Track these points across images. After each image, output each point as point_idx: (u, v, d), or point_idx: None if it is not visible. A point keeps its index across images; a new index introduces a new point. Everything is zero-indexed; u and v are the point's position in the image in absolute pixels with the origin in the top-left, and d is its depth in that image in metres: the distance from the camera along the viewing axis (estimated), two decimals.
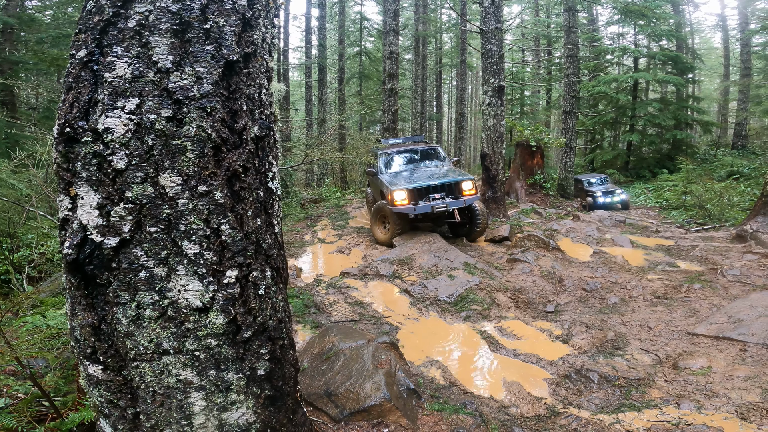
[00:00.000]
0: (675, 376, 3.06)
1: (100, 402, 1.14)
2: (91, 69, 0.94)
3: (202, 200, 0.97)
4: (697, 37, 25.79)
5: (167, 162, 0.95)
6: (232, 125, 1.02)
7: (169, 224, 0.96)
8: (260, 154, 1.09)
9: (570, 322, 4.12)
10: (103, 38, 0.96)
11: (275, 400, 1.21)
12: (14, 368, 2.87)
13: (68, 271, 0.97)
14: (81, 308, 0.97)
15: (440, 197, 6.08)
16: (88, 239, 0.92)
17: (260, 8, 1.09)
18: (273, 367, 1.15)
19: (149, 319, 0.97)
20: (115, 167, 0.92)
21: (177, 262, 0.96)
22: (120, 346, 1.00)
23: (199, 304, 0.98)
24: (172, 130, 0.96)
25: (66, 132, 0.91)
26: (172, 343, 1.00)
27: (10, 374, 2.71)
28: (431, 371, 3.40)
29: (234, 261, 1.02)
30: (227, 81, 1.01)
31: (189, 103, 0.96)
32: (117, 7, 1.00)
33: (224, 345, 1.04)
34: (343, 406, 2.45)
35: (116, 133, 0.91)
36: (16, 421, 2.07)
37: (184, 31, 0.97)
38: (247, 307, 1.05)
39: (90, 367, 1.07)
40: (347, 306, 4.67)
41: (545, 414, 2.84)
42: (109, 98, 0.92)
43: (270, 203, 1.14)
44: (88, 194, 0.91)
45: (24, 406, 2.23)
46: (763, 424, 2.46)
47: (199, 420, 1.11)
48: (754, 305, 3.76)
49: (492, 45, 7.73)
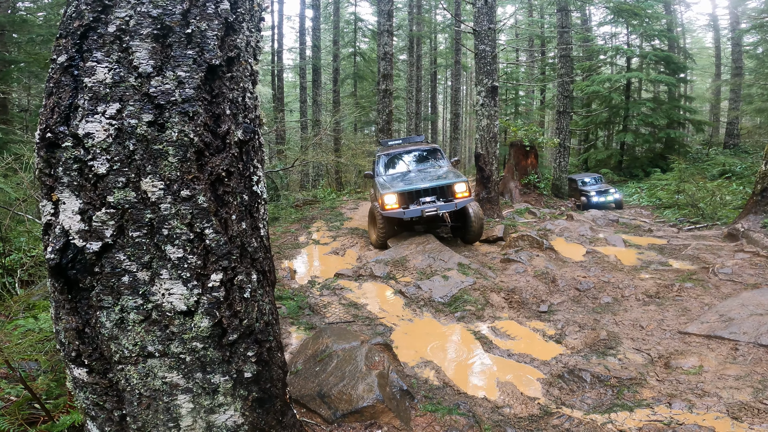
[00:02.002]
0: (667, 376, 3.08)
1: (87, 404, 1.14)
2: (71, 74, 0.94)
3: (185, 205, 0.97)
4: (689, 37, 26.08)
5: (149, 167, 0.95)
6: (215, 129, 1.02)
7: (151, 229, 0.96)
8: (244, 158, 1.10)
9: (563, 321, 4.14)
10: (83, 43, 0.96)
11: (263, 402, 1.21)
12: (6, 371, 2.84)
13: (52, 276, 0.97)
14: (65, 312, 0.97)
15: (431, 200, 6.03)
16: (71, 244, 0.92)
17: (244, 12, 1.09)
18: (260, 370, 1.15)
19: (133, 322, 0.97)
20: (96, 172, 0.92)
21: (161, 266, 0.96)
22: (104, 349, 1.00)
23: (184, 308, 0.99)
24: (153, 135, 0.96)
25: (47, 137, 0.91)
26: (157, 346, 1.00)
27: (2, 377, 2.69)
28: (425, 372, 3.40)
29: (218, 264, 1.02)
30: (210, 85, 1.01)
31: (170, 107, 0.96)
32: (97, 12, 1.00)
33: (210, 348, 1.04)
34: (336, 408, 2.45)
35: (97, 138, 0.91)
36: (8, 423, 2.06)
37: (166, 36, 0.97)
38: (233, 310, 1.06)
39: (75, 370, 1.07)
40: (341, 307, 4.67)
41: (538, 414, 2.85)
42: (90, 103, 0.92)
43: (255, 207, 1.14)
44: (70, 199, 0.91)
45: (16, 409, 2.21)
46: (754, 423, 2.45)
47: (187, 422, 1.10)
48: (745, 304, 3.80)
49: (485, 45, 7.77)
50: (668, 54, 17.19)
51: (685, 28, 23.31)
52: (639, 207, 12.56)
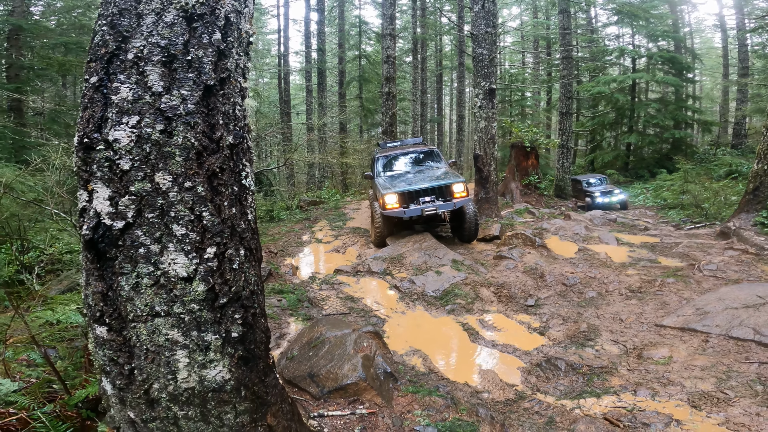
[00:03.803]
0: (637, 366, 3.23)
1: (104, 361, 1.41)
2: (101, 92, 1.23)
3: (187, 193, 1.26)
4: (698, 37, 25.80)
5: (161, 164, 1.24)
6: (211, 135, 1.30)
7: (162, 211, 1.25)
8: (235, 157, 1.38)
9: (548, 315, 4.33)
10: (109, 67, 1.25)
11: (248, 361, 1.47)
12: (26, 358, 3.19)
13: (85, 249, 1.25)
14: (93, 278, 1.25)
15: (430, 200, 6.25)
16: (102, 223, 1.21)
17: (233, 40, 1.37)
18: (245, 331, 1.42)
19: (146, 286, 1.25)
20: (122, 168, 1.21)
21: (168, 241, 1.25)
22: (122, 309, 1.28)
23: (185, 275, 1.26)
24: (164, 140, 1.24)
25: (84, 142, 1.20)
26: (163, 306, 1.27)
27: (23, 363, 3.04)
28: (413, 360, 3.62)
29: (213, 240, 1.30)
30: (206, 101, 1.29)
31: (177, 119, 1.25)
32: (118, 42, 1.28)
33: (204, 309, 1.31)
34: (323, 386, 2.69)
35: (122, 143, 1.21)
36: (30, 400, 2.38)
37: (171, 62, 1.25)
38: (224, 278, 1.33)
39: (98, 329, 1.35)
40: (339, 300, 4.92)
41: (513, 399, 3.03)
42: (116, 116, 1.21)
43: (244, 196, 1.42)
44: (102, 189, 1.20)
45: (36, 389, 2.54)
46: (712, 411, 2.56)
47: (183, 375, 1.37)
48: (722, 298, 3.94)
49: (482, 49, 7.97)
50: (674, 55, 17.13)
51: (693, 29, 23.10)
52: (644, 208, 12.56)
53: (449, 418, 2.59)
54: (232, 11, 1.41)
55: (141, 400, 1.38)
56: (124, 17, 1.26)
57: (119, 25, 1.25)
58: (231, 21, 1.39)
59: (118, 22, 1.25)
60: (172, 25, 1.25)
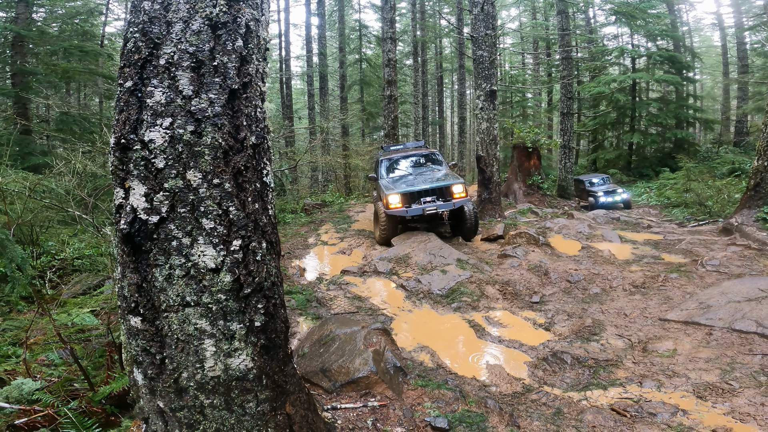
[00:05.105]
0: (642, 359, 3.29)
1: (137, 351, 1.49)
2: (136, 96, 1.32)
3: (215, 190, 1.35)
4: (697, 36, 25.86)
5: (192, 163, 1.33)
6: (236, 136, 1.39)
7: (193, 207, 1.34)
8: (257, 156, 1.47)
9: (553, 311, 4.39)
10: (143, 72, 1.34)
11: (269, 350, 1.55)
12: (45, 358, 3.30)
13: (121, 242, 1.34)
14: (129, 270, 1.34)
15: (431, 200, 6.47)
16: (138, 218, 1.30)
17: (253, 47, 1.47)
18: (267, 320, 1.50)
19: (177, 277, 1.33)
20: (157, 167, 1.30)
21: (198, 234, 1.33)
22: (155, 300, 1.36)
23: (213, 266, 1.35)
24: (194, 140, 1.33)
25: (121, 143, 1.29)
26: (193, 297, 1.35)
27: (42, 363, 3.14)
28: (421, 356, 3.69)
29: (238, 233, 1.38)
30: (232, 104, 1.38)
31: (205, 120, 1.34)
32: (151, 48, 1.38)
33: (230, 299, 1.39)
34: (335, 380, 2.77)
35: (157, 143, 1.30)
36: (53, 398, 2.47)
37: (200, 67, 1.34)
38: (248, 269, 1.41)
39: (132, 319, 1.43)
40: (346, 300, 5.00)
41: (521, 391, 3.10)
42: (151, 118, 1.30)
43: (265, 192, 1.51)
44: (138, 186, 1.29)
45: (59, 387, 2.63)
46: (717, 402, 2.61)
47: (209, 364, 1.45)
48: (725, 292, 3.99)
49: (482, 51, 8.08)
50: (673, 54, 17.19)
51: (692, 28, 23.17)
52: (647, 206, 12.58)
53: (458, 409, 2.66)
54: (252, 19, 1.51)
55: (170, 389, 1.46)
56: (154, 25, 1.35)
57: (150, 33, 1.34)
58: (251, 29, 1.49)
59: (149, 30, 1.34)
60: (198, 32, 1.35)
